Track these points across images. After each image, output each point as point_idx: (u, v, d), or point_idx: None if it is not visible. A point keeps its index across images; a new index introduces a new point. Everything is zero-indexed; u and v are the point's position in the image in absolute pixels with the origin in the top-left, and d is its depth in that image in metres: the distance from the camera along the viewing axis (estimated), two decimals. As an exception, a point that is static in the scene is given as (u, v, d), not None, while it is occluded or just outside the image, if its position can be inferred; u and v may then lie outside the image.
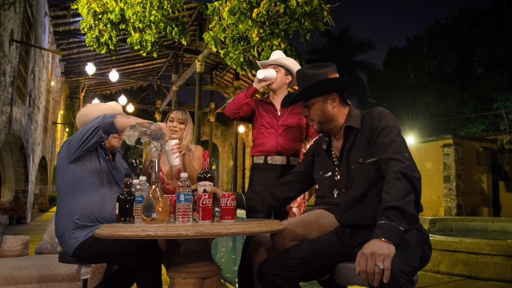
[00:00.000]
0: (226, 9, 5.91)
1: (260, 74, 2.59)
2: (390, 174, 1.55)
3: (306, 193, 2.48)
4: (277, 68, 2.71)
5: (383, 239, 1.40)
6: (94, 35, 6.94)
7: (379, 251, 1.36)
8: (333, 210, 1.91)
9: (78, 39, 11.59)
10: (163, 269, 2.30)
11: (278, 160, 2.67)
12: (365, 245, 1.43)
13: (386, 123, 1.67)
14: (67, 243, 2.16)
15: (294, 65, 2.77)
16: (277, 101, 2.80)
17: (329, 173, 1.86)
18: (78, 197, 2.17)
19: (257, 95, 2.89)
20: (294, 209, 2.43)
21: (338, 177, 1.81)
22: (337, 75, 1.82)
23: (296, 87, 1.97)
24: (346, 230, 1.80)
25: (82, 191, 2.18)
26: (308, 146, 2.46)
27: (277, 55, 2.78)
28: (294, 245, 1.90)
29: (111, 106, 2.37)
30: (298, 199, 2.45)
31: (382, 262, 1.34)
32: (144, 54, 7.51)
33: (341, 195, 1.80)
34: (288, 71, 2.76)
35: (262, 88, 2.71)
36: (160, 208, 1.70)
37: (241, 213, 2.23)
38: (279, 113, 2.76)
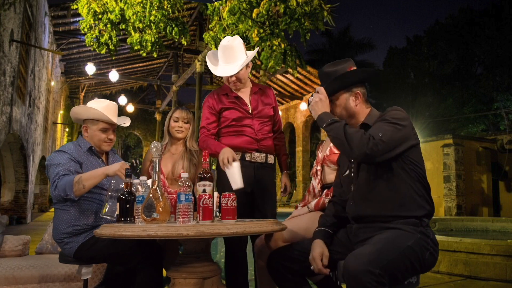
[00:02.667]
0: (226, 9, 5.91)
1: (236, 172, 2.25)
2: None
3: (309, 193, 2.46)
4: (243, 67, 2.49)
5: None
6: (94, 35, 6.93)
7: None
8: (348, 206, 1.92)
9: (78, 39, 11.57)
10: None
11: (258, 157, 2.52)
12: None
13: (384, 118, 1.71)
14: (66, 246, 2.16)
15: (251, 53, 2.57)
16: (244, 92, 2.61)
17: (347, 171, 1.91)
18: (74, 203, 2.16)
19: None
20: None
21: (352, 174, 1.87)
22: (355, 68, 1.87)
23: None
24: (354, 225, 1.83)
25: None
26: (326, 148, 2.39)
27: (230, 48, 2.45)
28: (301, 240, 1.95)
29: (100, 111, 2.28)
30: (306, 198, 2.44)
31: None
32: (144, 54, 7.50)
33: (352, 190, 1.85)
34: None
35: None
36: (160, 208, 1.70)
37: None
38: (249, 105, 2.57)
